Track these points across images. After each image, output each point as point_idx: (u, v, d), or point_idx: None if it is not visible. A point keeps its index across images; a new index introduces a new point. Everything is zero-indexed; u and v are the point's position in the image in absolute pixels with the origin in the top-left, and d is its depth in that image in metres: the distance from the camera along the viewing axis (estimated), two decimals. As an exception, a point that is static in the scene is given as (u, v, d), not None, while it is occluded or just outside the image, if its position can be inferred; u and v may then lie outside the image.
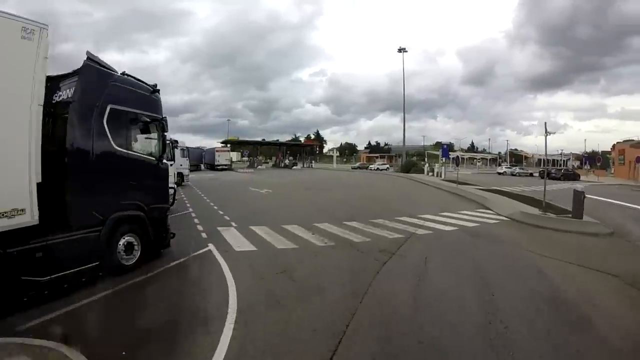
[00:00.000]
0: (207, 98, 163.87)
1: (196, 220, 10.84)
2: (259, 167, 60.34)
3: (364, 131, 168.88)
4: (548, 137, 13.14)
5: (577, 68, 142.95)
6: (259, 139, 75.42)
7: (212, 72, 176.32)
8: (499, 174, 48.49)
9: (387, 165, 57.09)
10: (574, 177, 39.36)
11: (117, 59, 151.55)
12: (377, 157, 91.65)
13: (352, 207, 13.67)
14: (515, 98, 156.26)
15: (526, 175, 49.11)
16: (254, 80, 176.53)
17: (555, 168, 46.32)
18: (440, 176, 32.83)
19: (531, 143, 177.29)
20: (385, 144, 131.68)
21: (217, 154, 50.69)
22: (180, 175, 24.37)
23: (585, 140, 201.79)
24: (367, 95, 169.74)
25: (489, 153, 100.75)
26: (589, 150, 77.23)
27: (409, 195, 18.96)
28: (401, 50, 48.94)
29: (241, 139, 66.40)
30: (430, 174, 36.33)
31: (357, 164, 61.83)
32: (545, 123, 13.22)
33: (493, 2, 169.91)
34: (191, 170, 49.17)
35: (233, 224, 10.31)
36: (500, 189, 23.22)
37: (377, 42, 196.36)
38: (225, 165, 50.18)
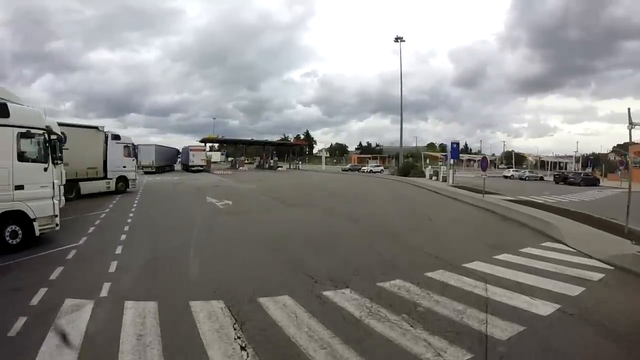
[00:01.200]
0: (197, 98, 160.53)
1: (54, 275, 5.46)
2: (241, 168, 54.65)
3: (354, 132, 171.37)
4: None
5: (568, 71, 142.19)
6: (248, 138, 68.77)
7: (202, 72, 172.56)
8: (506, 177, 43.80)
9: (382, 167, 51.96)
10: (594, 182, 34.78)
11: (108, 58, 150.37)
12: (369, 158, 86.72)
13: (342, 246, 8.34)
14: (505, 100, 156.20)
15: (536, 179, 44.55)
16: (245, 80, 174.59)
17: (572, 172, 41.60)
18: (447, 181, 27.80)
19: (521, 145, 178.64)
20: (377, 145, 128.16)
21: (191, 153, 44.75)
22: (122, 179, 18.93)
23: (577, 142, 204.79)
24: (358, 96, 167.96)
25: (483, 155, 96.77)
26: (579, 153, 73.45)
27: (426, 215, 13.06)
28: (398, 39, 43.97)
29: (223, 137, 59.97)
30: (434, 177, 31.30)
31: (348, 166, 56.44)
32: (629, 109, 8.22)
33: (485, 4, 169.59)
34: (163, 171, 43.29)
35: (103, 289, 5.02)
36: (531, 199, 18.33)
37: (369, 43, 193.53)
38: (201, 166, 44.38)
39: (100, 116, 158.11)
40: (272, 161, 59.58)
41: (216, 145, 69.35)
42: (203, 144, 46.85)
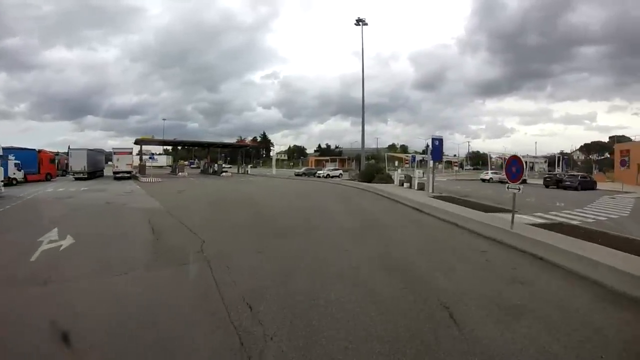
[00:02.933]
0: (156, 99, 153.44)
1: None
2: (180, 173, 45.85)
3: (315, 135, 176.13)
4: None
5: (526, 75, 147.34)
6: (208, 142, 59.43)
7: (162, 73, 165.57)
8: (484, 180, 38.68)
9: (340, 171, 45.15)
10: (592, 185, 30.13)
11: (65, 56, 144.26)
12: (326, 161, 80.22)
13: None
14: (464, 103, 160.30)
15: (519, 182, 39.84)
16: (205, 82, 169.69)
17: (566, 174, 36.93)
18: (426, 189, 21.31)
19: (479, 146, 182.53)
20: (337, 147, 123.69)
21: (115, 157, 35.86)
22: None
23: (536, 143, 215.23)
24: (319, 98, 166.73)
25: (447, 156, 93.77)
26: (539, 153, 72.03)
27: (438, 301, 5.42)
28: (360, 21, 37.59)
29: (171, 138, 50.27)
30: (406, 184, 24.78)
31: (303, 169, 48.79)
32: None
33: (447, 9, 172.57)
34: (94, 177, 35.21)
35: None
36: (567, 218, 11.93)
37: (330, 46, 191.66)
38: (127, 172, 35.37)
39: (56, 118, 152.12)
40: (216, 165, 51.09)
41: (169, 147, 59.57)
42: (130, 147, 37.58)
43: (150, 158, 40.49)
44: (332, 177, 41.17)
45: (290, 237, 8.75)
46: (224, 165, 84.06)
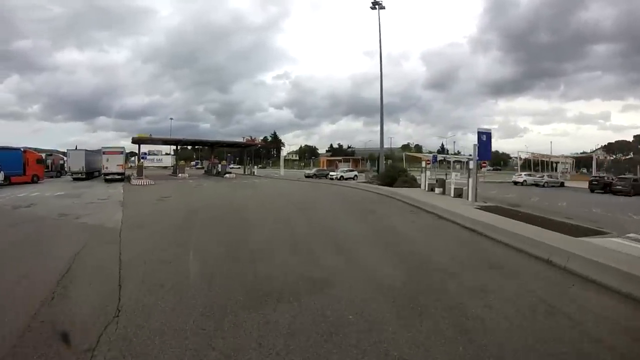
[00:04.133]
0: (168, 100, 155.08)
1: None
2: (181, 174, 42.56)
3: (326, 135, 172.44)
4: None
5: (538, 74, 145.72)
6: (211, 140, 56.06)
7: (173, 74, 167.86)
8: (516, 183, 34.04)
9: (355, 172, 40.89)
10: None
11: (77, 58, 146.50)
12: (339, 161, 75.88)
13: None
14: (476, 102, 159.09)
15: (557, 186, 35.17)
16: (216, 82, 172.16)
17: (616, 177, 32.07)
18: (469, 197, 17.04)
19: (494, 146, 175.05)
20: (349, 147, 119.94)
21: (104, 157, 32.48)
22: None
23: (551, 142, 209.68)
24: (330, 98, 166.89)
25: (462, 155, 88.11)
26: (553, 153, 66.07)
27: None
28: (376, 4, 33.41)
29: (156, 136, 47.01)
30: (438, 189, 20.51)
31: (313, 170, 44.54)
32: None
33: (459, 8, 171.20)
34: (92, 177, 34.05)
35: None
36: None
37: (342, 46, 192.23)
38: (118, 173, 32.15)
39: (68, 119, 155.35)
40: (220, 166, 47.50)
41: (177, 147, 56.47)
42: (121, 147, 34.21)
43: (143, 158, 37.00)
44: (346, 178, 37.02)
45: (280, 308, 4.66)
46: (231, 166, 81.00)
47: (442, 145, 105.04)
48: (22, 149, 30.09)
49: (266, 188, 25.89)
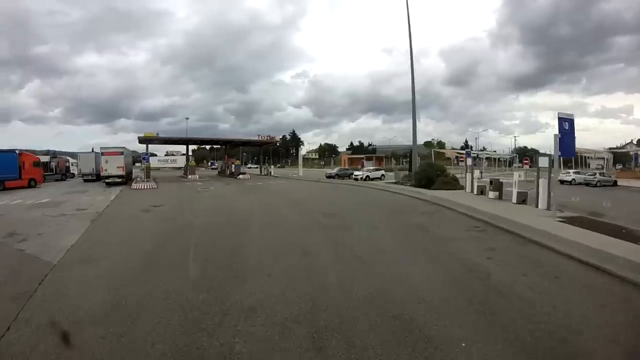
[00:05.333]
0: (187, 101, 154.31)
1: None
2: (191, 176, 39.62)
3: (345, 133, 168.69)
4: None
5: (559, 67, 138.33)
6: (225, 139, 53.09)
7: (192, 75, 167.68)
8: (563, 182, 29.00)
9: (382, 171, 36.65)
10: None
11: (96, 61, 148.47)
12: (362, 159, 71.61)
13: None
14: (497, 98, 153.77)
15: (610, 185, 30.04)
16: (235, 83, 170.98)
17: None
18: (540, 204, 12.81)
19: (512, 142, 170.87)
20: (370, 144, 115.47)
21: (103, 159, 29.53)
22: None
23: (575, 138, 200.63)
24: (349, 96, 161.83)
25: (489, 152, 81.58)
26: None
27: None
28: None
29: (164, 135, 44.20)
30: (493, 194, 16.27)
31: (335, 169, 40.39)
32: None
33: (478, 1, 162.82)
34: (93, 180, 32.07)
35: None
36: None
37: (359, 43, 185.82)
38: (118, 176, 29.21)
39: (89, 122, 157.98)
40: (233, 166, 44.39)
41: (188, 147, 53.76)
42: (121, 147, 31.16)
43: (144, 159, 34.18)
44: (372, 179, 32.91)
45: None
46: (248, 166, 78.22)
47: (466, 141, 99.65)
48: (17, 151, 27.57)
49: (281, 193, 22.16)
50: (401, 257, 7.29)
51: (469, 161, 22.32)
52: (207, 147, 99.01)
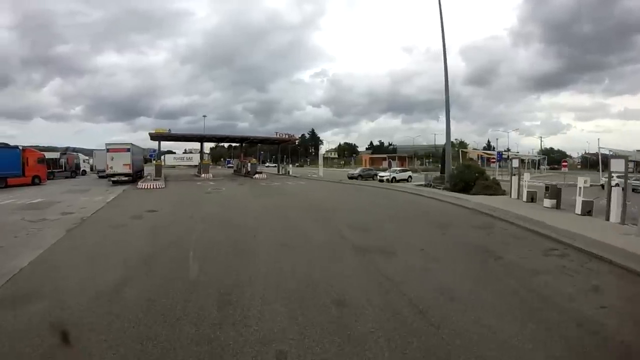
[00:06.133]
0: (206, 100, 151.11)
1: None
2: (204, 174, 37.76)
3: (365, 133, 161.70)
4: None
5: (581, 67, 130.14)
6: (240, 135, 50.88)
7: (211, 74, 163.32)
8: (604, 187, 25.15)
9: (409, 173, 33.68)
10: None
11: (116, 61, 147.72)
12: (384, 159, 68.47)
13: None
14: (517, 98, 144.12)
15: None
16: (254, 82, 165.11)
17: None
18: (609, 216, 9.88)
19: (533, 144, 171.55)
20: (390, 144, 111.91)
21: (109, 155, 27.58)
22: None
23: (598, 139, 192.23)
24: (368, 96, 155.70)
25: (517, 153, 77.16)
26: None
27: None
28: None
29: (176, 132, 42.34)
30: (549, 202, 13.30)
31: (358, 170, 37.66)
32: None
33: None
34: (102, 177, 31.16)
35: None
36: None
37: (379, 42, 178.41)
38: (124, 174, 27.38)
39: (110, 120, 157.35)
40: (249, 165, 42.26)
41: (212, 144, 52.17)
42: (128, 143, 29.21)
43: (150, 156, 32.47)
44: (398, 180, 30.05)
45: None
46: (267, 164, 76.22)
47: (488, 141, 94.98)
48: (20, 147, 26.18)
49: (299, 197, 19.68)
50: (480, 307, 4.68)
51: (515, 163, 19.25)
52: (225, 145, 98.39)
